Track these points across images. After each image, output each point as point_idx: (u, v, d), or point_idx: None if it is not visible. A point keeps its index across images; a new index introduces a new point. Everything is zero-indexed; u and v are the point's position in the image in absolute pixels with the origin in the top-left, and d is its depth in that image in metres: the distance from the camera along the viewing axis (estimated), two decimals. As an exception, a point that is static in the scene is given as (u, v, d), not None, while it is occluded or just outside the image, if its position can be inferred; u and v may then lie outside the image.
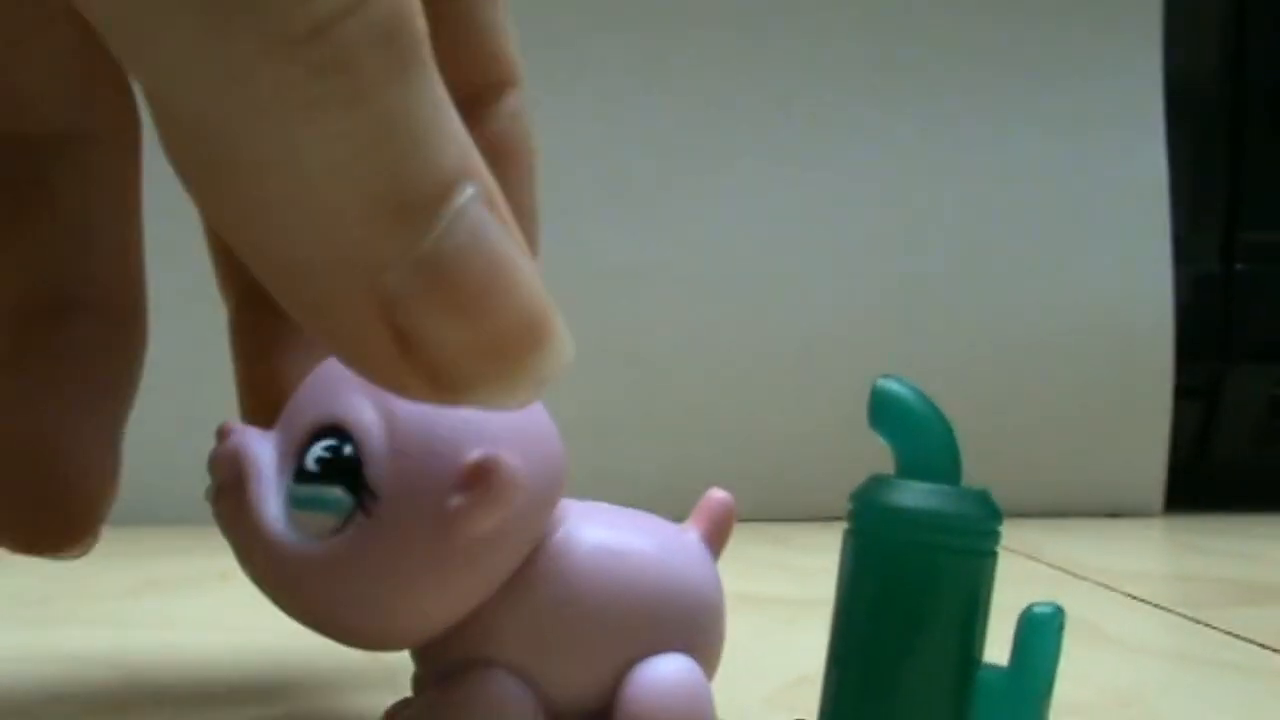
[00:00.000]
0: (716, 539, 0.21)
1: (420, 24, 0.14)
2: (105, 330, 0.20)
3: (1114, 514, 0.64)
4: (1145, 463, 0.65)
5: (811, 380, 0.62)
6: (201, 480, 0.18)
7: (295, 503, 0.17)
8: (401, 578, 0.17)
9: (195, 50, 0.13)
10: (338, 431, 0.17)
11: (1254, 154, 0.66)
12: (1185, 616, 0.34)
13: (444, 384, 0.15)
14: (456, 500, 0.16)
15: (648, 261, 0.62)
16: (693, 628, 0.20)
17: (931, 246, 0.64)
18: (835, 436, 0.61)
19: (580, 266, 0.61)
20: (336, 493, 0.17)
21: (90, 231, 0.21)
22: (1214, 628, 0.33)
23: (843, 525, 0.17)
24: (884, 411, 0.17)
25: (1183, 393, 0.64)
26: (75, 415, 0.19)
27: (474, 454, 0.17)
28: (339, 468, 0.17)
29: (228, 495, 0.17)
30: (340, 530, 0.17)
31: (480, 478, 0.16)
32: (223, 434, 0.18)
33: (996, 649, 0.17)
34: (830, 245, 0.63)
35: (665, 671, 0.19)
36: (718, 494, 0.21)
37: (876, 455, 0.18)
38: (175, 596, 0.38)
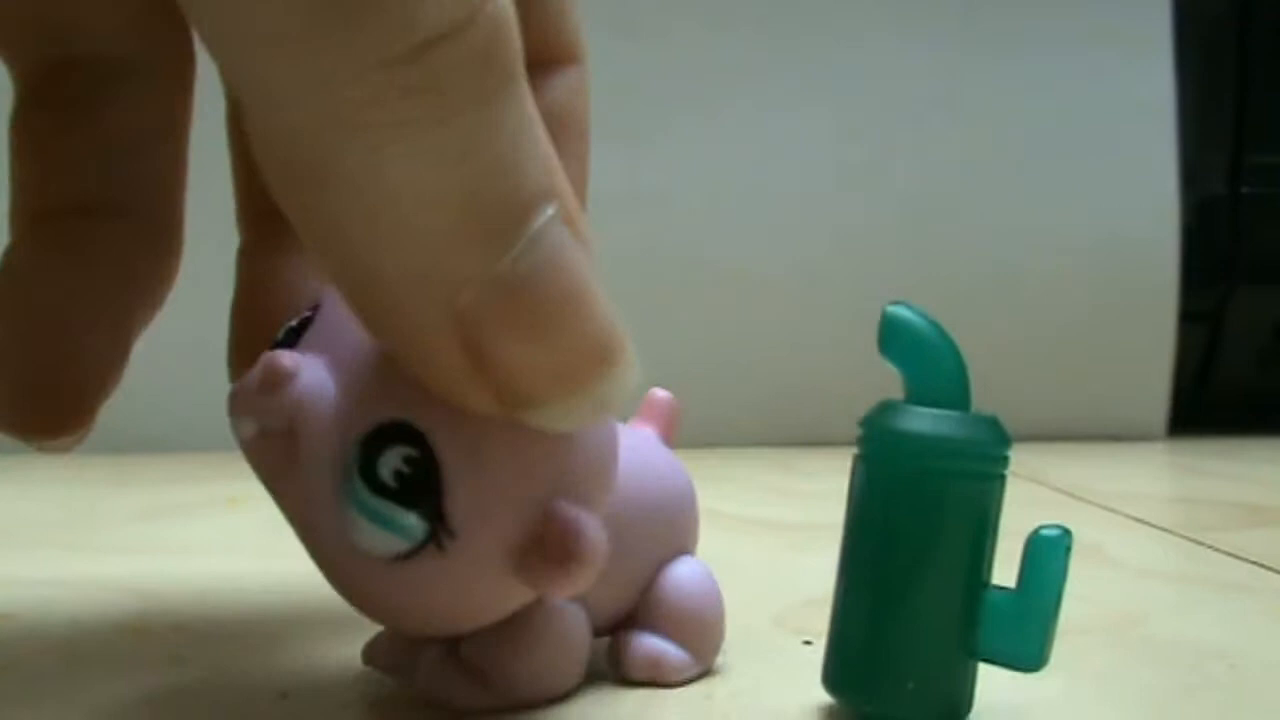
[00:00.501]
0: (670, 436, 0.22)
1: (516, 43, 0.13)
2: (136, 236, 0.21)
3: (1118, 437, 0.64)
4: (1149, 386, 0.65)
5: (813, 305, 0.62)
6: (210, 409, 0.17)
7: (362, 510, 0.15)
8: (462, 611, 0.16)
9: (295, 64, 0.12)
10: (415, 437, 0.15)
11: (1262, 78, 0.65)
12: (1188, 538, 0.35)
13: (509, 402, 0.14)
14: (537, 565, 0.15)
15: (648, 188, 0.62)
16: (690, 527, 0.21)
17: (936, 170, 0.63)
18: (835, 362, 0.61)
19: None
20: (411, 520, 0.15)
21: (135, 150, 0.21)
22: (1217, 549, 0.33)
23: (843, 450, 0.18)
24: (894, 338, 0.17)
25: (1187, 316, 0.64)
26: (90, 307, 0.20)
27: (560, 510, 0.15)
28: (418, 489, 0.15)
29: (274, 443, 0.16)
30: (406, 557, 0.15)
31: (565, 548, 0.15)
32: (281, 375, 0.16)
33: (1003, 570, 0.17)
34: (834, 169, 0.63)
35: (691, 574, 0.20)
36: (662, 393, 0.22)
37: (877, 379, 0.18)
38: (185, 522, 0.38)
